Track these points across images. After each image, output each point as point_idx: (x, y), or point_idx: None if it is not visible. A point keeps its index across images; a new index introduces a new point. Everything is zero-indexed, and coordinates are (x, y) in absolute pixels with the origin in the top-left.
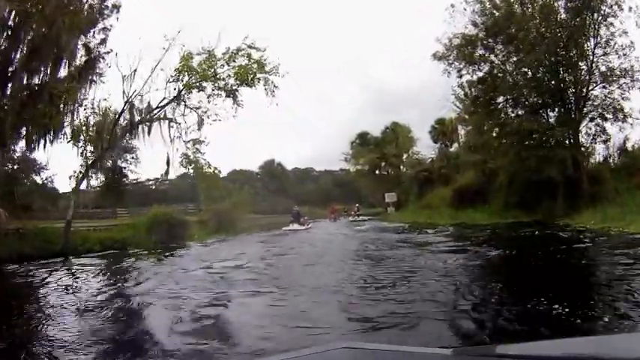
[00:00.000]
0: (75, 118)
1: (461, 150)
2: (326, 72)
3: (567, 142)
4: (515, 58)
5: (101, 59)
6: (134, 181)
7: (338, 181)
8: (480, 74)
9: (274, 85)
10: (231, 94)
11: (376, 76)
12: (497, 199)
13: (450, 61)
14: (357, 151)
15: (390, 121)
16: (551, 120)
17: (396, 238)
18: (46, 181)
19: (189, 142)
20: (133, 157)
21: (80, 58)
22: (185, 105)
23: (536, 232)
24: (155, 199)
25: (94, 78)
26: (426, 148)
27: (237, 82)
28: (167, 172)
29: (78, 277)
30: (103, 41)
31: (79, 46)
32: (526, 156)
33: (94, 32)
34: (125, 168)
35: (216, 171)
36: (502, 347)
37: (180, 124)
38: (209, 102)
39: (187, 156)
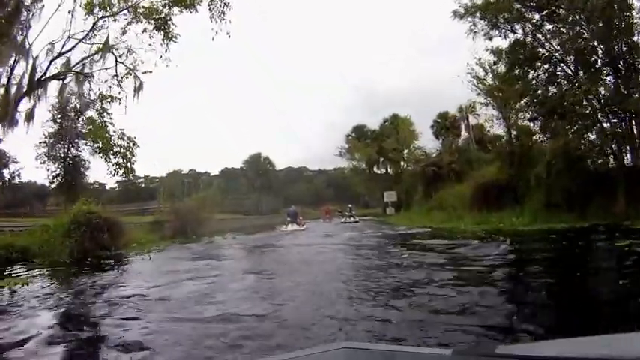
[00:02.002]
0: None
1: (472, 142)
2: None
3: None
4: (550, 26)
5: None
6: (122, 178)
7: (331, 181)
8: (512, 37)
9: (224, 4)
10: (163, 24)
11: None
12: (533, 198)
13: (477, 17)
14: (353, 145)
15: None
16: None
17: (459, 258)
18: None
19: (94, 100)
20: (87, 144)
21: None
22: (108, 47)
23: None
24: (142, 198)
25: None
26: (427, 143)
27: (170, 3)
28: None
29: None
30: None
31: None
32: (598, 136)
33: None
34: (78, 157)
35: (130, 143)
36: (502, 347)
37: (92, 77)
38: (123, 32)
39: (93, 121)
